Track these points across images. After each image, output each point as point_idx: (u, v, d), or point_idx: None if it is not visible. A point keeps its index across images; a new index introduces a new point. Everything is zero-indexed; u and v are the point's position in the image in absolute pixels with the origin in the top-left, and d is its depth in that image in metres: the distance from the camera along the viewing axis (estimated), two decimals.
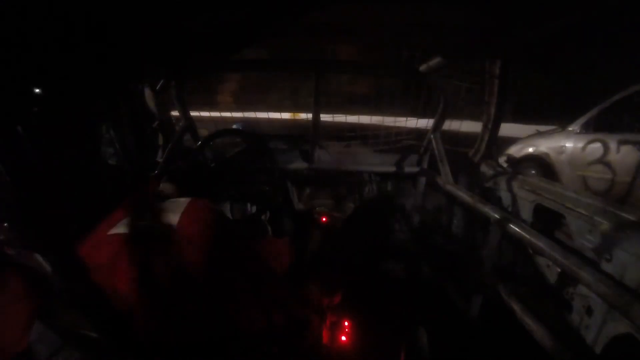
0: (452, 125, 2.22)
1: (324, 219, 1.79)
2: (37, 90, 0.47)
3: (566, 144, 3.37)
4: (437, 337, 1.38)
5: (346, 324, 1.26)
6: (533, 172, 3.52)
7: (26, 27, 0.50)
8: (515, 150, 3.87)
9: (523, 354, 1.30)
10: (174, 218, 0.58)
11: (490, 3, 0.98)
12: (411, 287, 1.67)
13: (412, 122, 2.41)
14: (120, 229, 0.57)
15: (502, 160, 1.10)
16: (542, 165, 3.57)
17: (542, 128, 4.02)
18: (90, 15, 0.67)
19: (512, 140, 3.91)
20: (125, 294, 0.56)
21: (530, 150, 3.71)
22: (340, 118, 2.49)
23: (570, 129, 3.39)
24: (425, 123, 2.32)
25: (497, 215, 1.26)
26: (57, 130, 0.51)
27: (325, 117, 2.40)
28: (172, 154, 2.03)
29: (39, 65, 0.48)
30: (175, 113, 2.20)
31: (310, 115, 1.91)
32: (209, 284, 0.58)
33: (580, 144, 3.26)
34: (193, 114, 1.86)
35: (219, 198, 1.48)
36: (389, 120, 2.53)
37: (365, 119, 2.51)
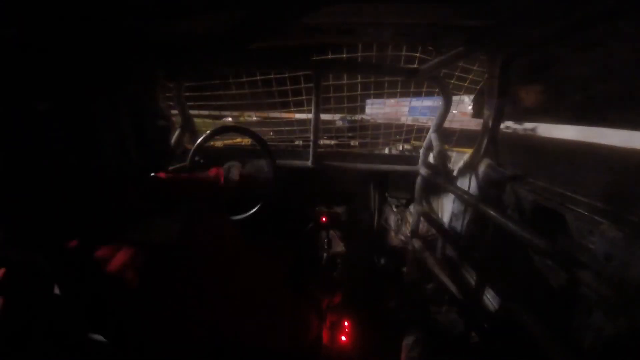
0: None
1: (324, 219, 1.78)
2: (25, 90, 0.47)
3: None
4: (436, 336, 1.39)
5: (346, 324, 1.26)
6: None
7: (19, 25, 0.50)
8: None
9: (522, 353, 1.30)
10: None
11: (491, 3, 0.97)
12: (411, 286, 1.67)
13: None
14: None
15: None
16: None
17: None
18: (88, 14, 0.67)
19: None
20: (127, 299, 0.56)
21: None
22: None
23: None
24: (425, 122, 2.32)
25: (496, 215, 1.26)
26: (52, 129, 0.51)
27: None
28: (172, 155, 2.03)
29: (32, 65, 0.48)
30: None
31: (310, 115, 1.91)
32: (211, 289, 0.57)
33: None
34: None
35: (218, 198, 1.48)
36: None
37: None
